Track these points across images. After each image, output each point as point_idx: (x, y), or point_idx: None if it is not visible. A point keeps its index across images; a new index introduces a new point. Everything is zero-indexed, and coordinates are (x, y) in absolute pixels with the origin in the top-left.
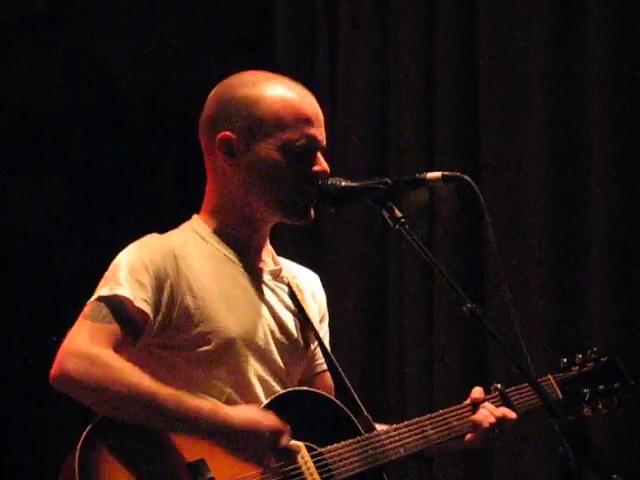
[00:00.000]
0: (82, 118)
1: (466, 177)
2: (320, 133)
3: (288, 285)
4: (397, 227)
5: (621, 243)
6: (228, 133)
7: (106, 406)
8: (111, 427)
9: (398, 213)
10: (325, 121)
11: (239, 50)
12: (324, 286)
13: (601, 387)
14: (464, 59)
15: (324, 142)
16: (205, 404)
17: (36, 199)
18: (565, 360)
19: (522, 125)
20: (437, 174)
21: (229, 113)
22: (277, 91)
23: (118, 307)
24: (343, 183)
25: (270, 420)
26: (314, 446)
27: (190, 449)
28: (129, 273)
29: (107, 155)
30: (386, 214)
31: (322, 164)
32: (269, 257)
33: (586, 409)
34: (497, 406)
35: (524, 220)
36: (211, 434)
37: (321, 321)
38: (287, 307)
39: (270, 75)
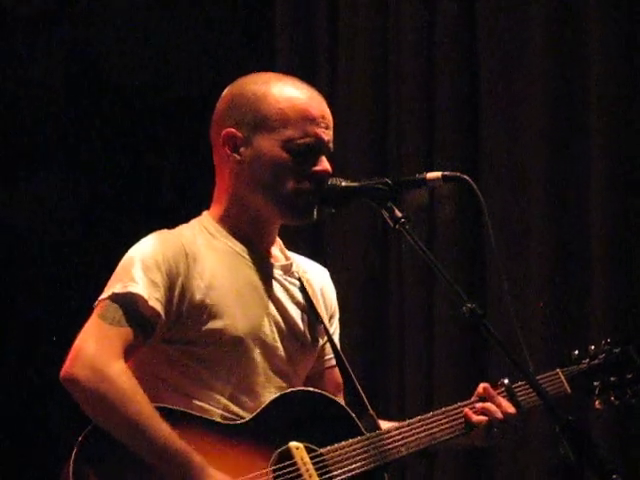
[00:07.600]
0: (84, 116)
1: (466, 177)
2: (326, 135)
3: (299, 280)
4: (397, 227)
5: (621, 241)
6: (233, 129)
7: (102, 422)
8: (107, 434)
9: (398, 213)
10: None
11: (239, 51)
12: None
13: (613, 379)
14: (465, 60)
15: (330, 144)
16: (195, 456)
17: (37, 197)
18: (577, 352)
19: (523, 125)
20: (437, 174)
21: (235, 110)
22: (284, 89)
23: (132, 307)
24: (343, 183)
25: None
26: (314, 447)
27: None
28: (142, 271)
29: (109, 153)
30: (386, 214)
31: (324, 164)
32: (279, 252)
33: (597, 402)
34: None
35: (524, 220)
36: None
37: (331, 317)
38: (297, 303)
39: (282, 76)
